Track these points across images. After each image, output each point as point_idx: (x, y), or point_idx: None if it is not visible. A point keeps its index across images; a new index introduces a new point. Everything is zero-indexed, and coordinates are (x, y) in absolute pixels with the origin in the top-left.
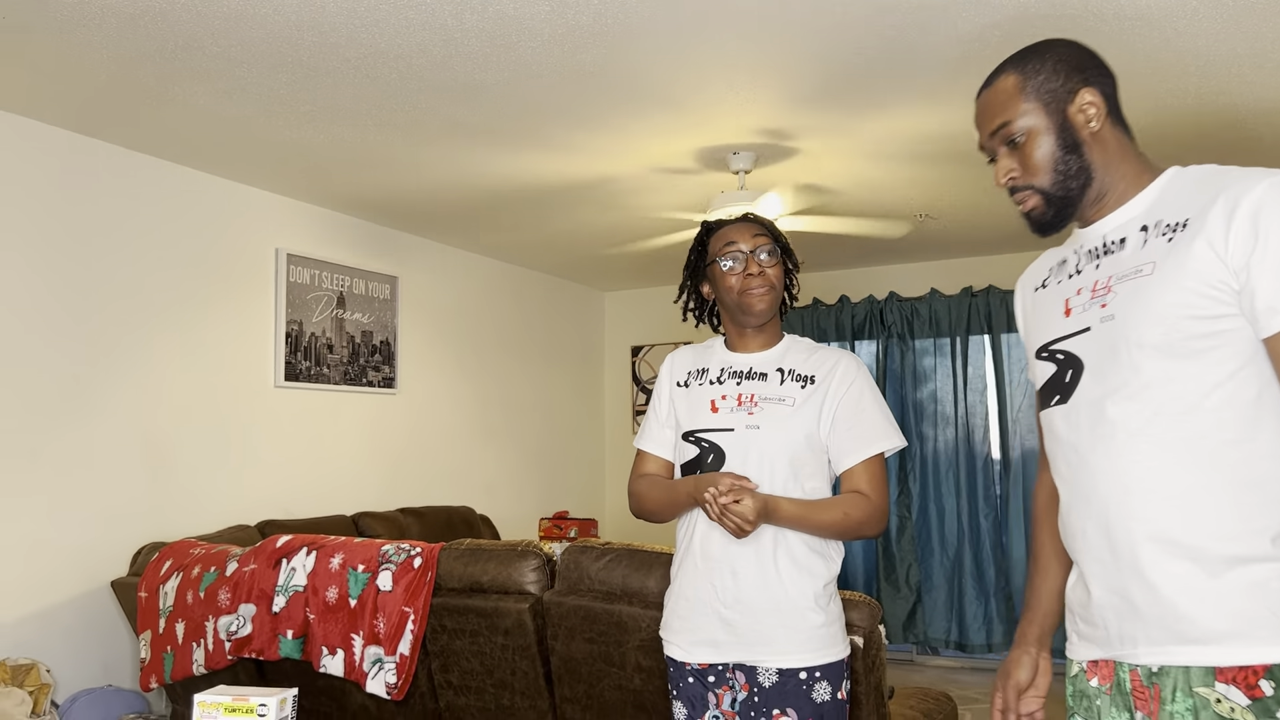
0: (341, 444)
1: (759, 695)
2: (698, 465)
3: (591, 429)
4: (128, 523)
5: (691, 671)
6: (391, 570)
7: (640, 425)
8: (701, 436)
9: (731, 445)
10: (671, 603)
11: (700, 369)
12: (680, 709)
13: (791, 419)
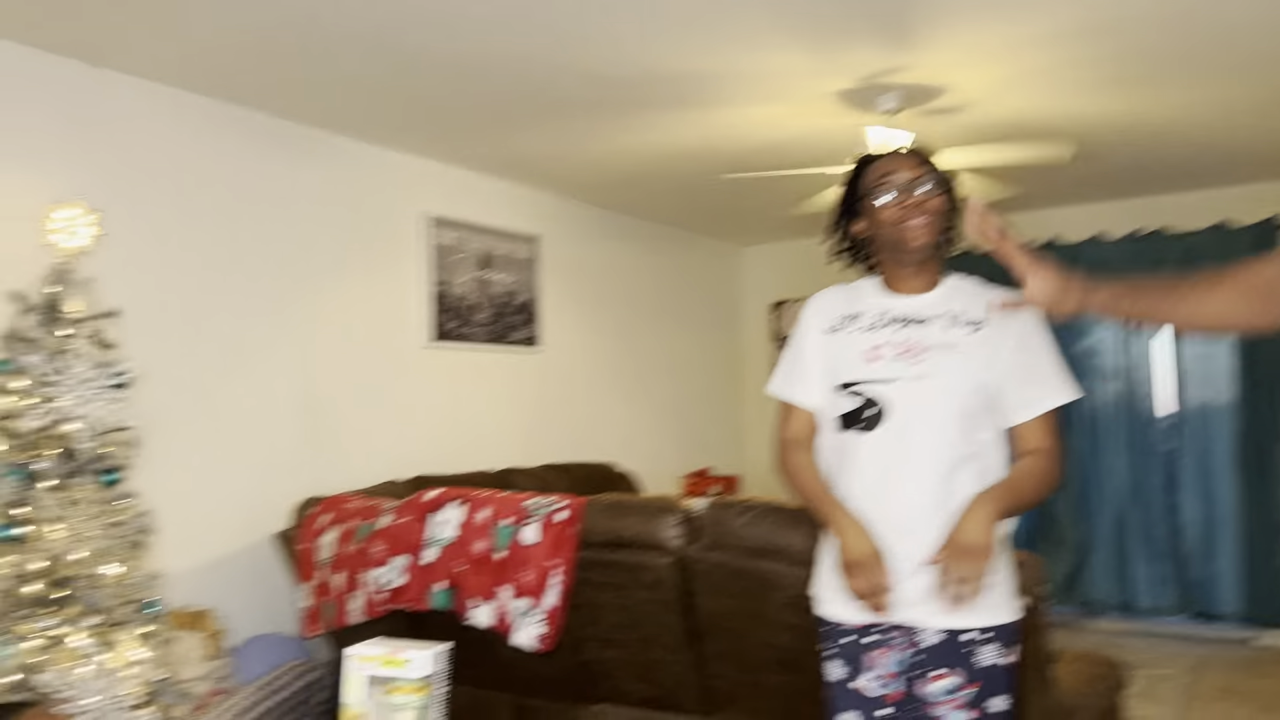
0: (487, 402)
1: (922, 655)
2: (856, 419)
3: (731, 386)
4: (288, 477)
5: (849, 630)
6: (537, 524)
7: (777, 369)
8: (860, 389)
9: (894, 398)
10: (827, 560)
11: (852, 314)
12: (835, 669)
13: (962, 368)
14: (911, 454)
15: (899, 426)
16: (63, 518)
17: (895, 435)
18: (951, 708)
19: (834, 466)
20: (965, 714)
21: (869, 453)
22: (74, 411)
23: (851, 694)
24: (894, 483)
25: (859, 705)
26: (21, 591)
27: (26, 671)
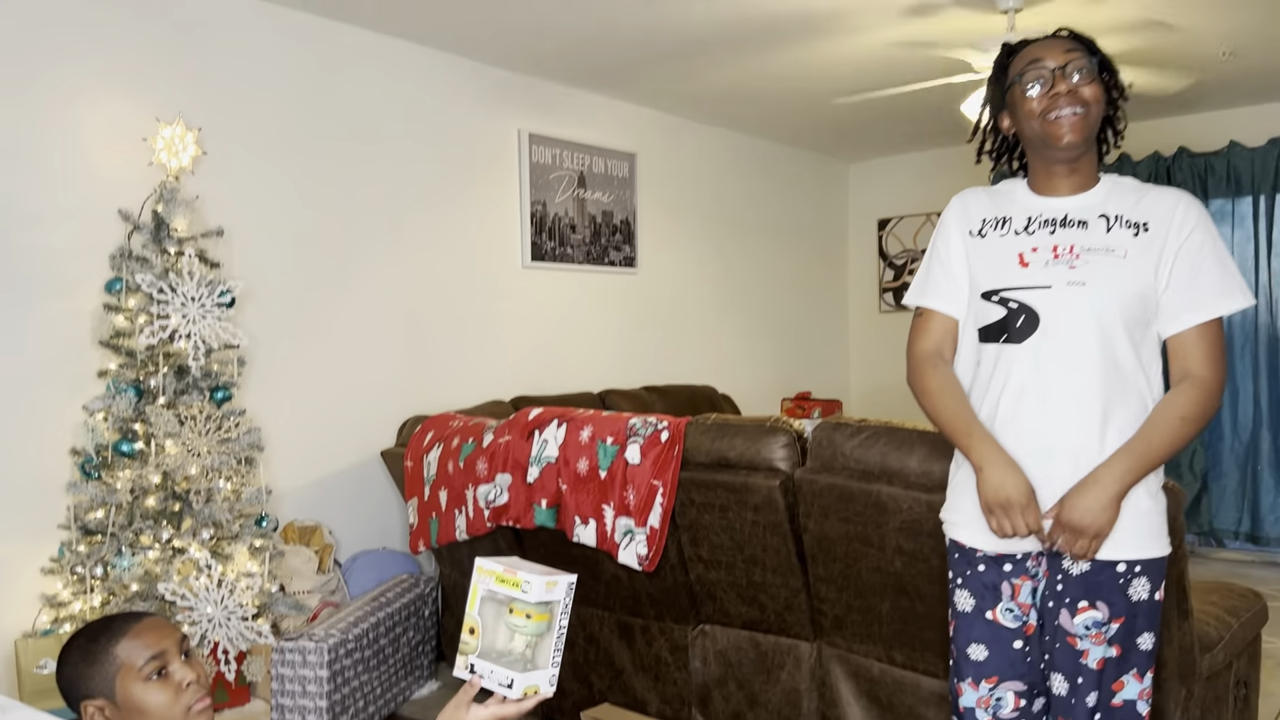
0: (586, 322)
1: (1064, 585)
2: (1003, 330)
3: (835, 307)
4: (392, 396)
5: (984, 558)
6: (639, 443)
7: (916, 277)
8: (1008, 296)
9: (1048, 305)
10: (961, 482)
11: (1000, 217)
12: (965, 599)
13: (1124, 273)
14: (1064, 367)
15: (1052, 337)
16: (176, 434)
17: (1047, 347)
18: (1094, 642)
19: (972, 383)
20: (1108, 649)
21: (1016, 366)
22: (184, 329)
23: (983, 626)
24: (1043, 399)
25: (991, 638)
26: (140, 505)
27: (148, 581)
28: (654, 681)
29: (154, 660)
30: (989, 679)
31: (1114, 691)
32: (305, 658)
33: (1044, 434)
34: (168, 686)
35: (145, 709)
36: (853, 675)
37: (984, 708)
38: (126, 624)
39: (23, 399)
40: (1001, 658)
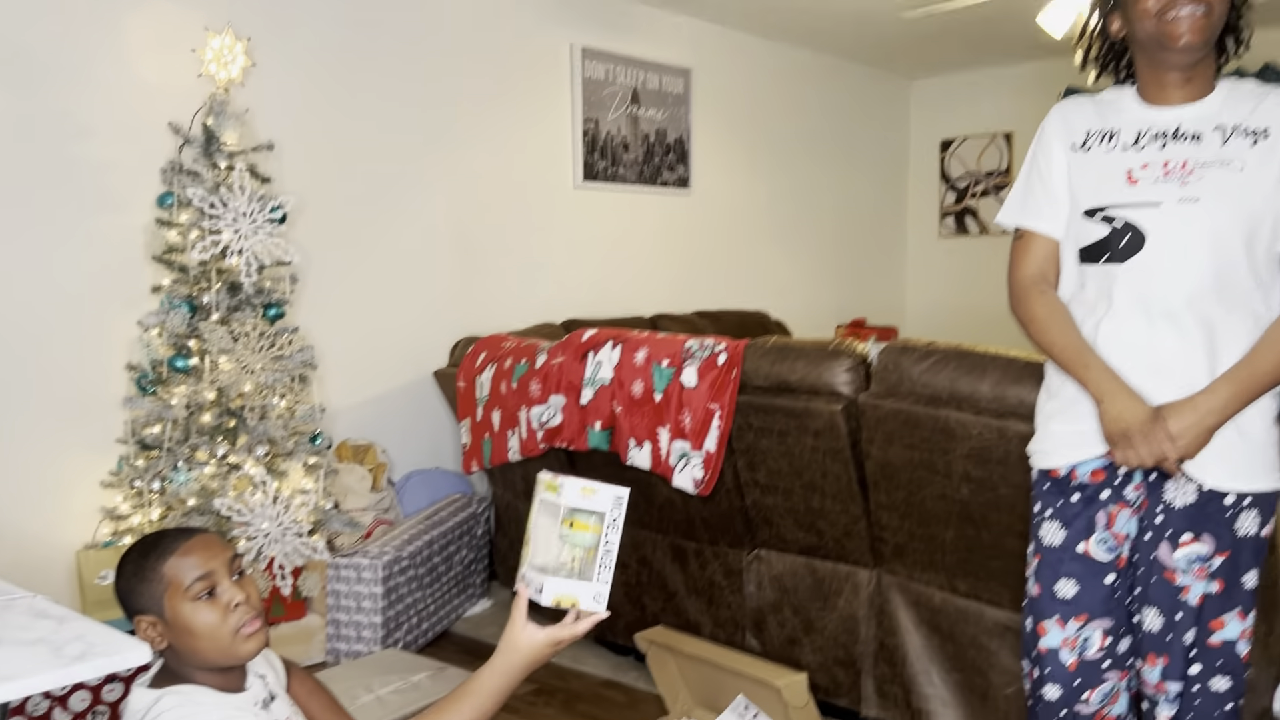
0: (638, 245)
1: (1166, 517)
2: (1104, 250)
3: (893, 231)
4: (443, 316)
5: (1079, 486)
6: (696, 366)
7: (1011, 194)
8: (1113, 214)
9: (1158, 225)
10: (1054, 411)
11: (1105, 131)
12: (1055, 532)
13: (1240, 187)
14: (1171, 288)
15: (1159, 257)
16: (230, 351)
17: (1154, 266)
18: (1196, 578)
19: (1073, 309)
20: (1210, 585)
21: (1120, 287)
22: (235, 245)
23: (1074, 560)
24: (1148, 323)
25: (1082, 573)
26: (195, 421)
27: (205, 496)
28: (707, 605)
29: (201, 581)
30: (1077, 617)
31: (1212, 630)
32: (360, 574)
33: (1149, 359)
34: (216, 607)
35: (192, 629)
36: (913, 604)
37: (1070, 648)
38: (176, 541)
39: (78, 314)
40: (1092, 594)
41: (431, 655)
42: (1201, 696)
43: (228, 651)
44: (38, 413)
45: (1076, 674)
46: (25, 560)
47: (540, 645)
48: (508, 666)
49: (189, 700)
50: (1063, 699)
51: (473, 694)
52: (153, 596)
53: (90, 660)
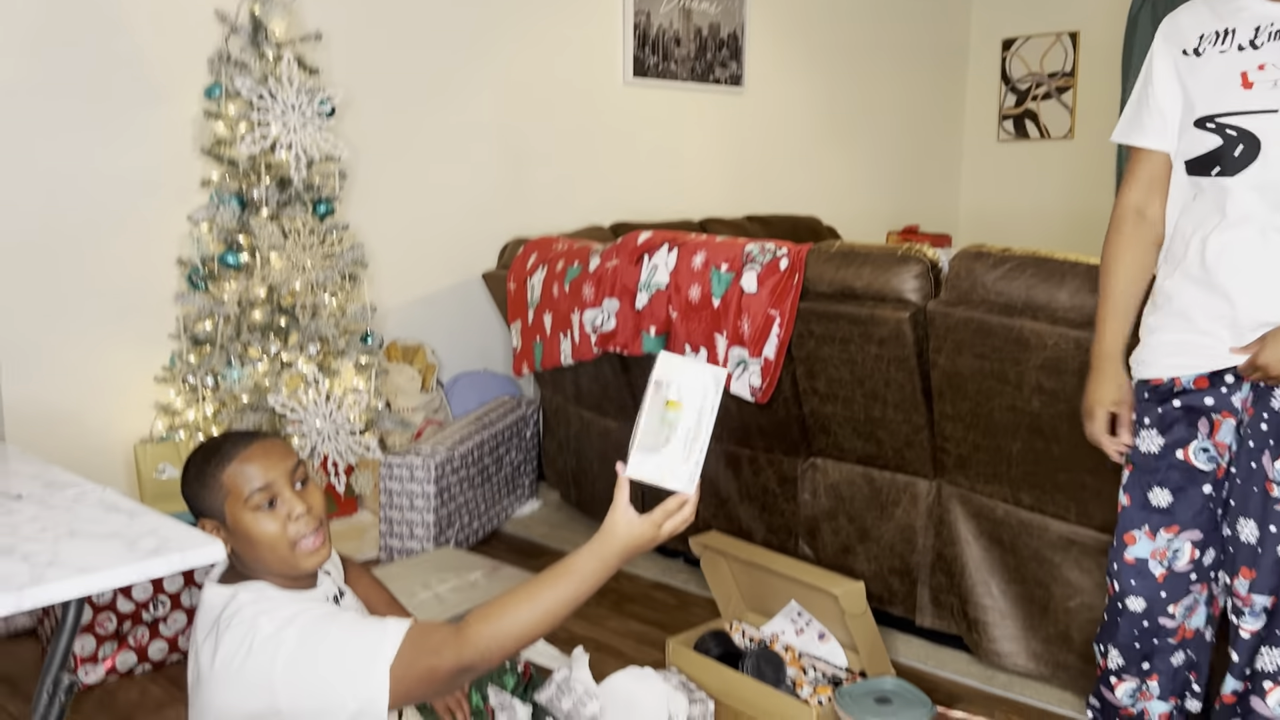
0: (688, 146)
1: (1270, 425)
2: (1215, 162)
3: (949, 135)
4: (492, 218)
5: (1182, 393)
6: (756, 271)
7: (1127, 109)
8: (1225, 122)
9: (1273, 132)
10: (1155, 324)
11: (1222, 30)
12: (1152, 439)
13: None
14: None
15: (1274, 168)
16: (280, 247)
17: (1268, 178)
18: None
19: (1183, 222)
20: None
21: (1231, 201)
22: (284, 139)
23: (1172, 467)
24: (1262, 238)
25: (1179, 482)
26: (247, 317)
27: (258, 393)
28: (760, 511)
29: (261, 492)
30: (1169, 528)
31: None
32: (413, 473)
33: (1260, 275)
34: (276, 517)
35: (252, 538)
36: (974, 515)
37: (1159, 560)
38: (237, 448)
39: (128, 208)
40: (1186, 504)
41: (483, 554)
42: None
43: (288, 562)
44: (91, 307)
45: (1163, 586)
46: (85, 453)
47: (640, 531)
48: (604, 551)
49: (263, 596)
50: (1147, 610)
51: (568, 574)
52: (214, 502)
53: (165, 555)
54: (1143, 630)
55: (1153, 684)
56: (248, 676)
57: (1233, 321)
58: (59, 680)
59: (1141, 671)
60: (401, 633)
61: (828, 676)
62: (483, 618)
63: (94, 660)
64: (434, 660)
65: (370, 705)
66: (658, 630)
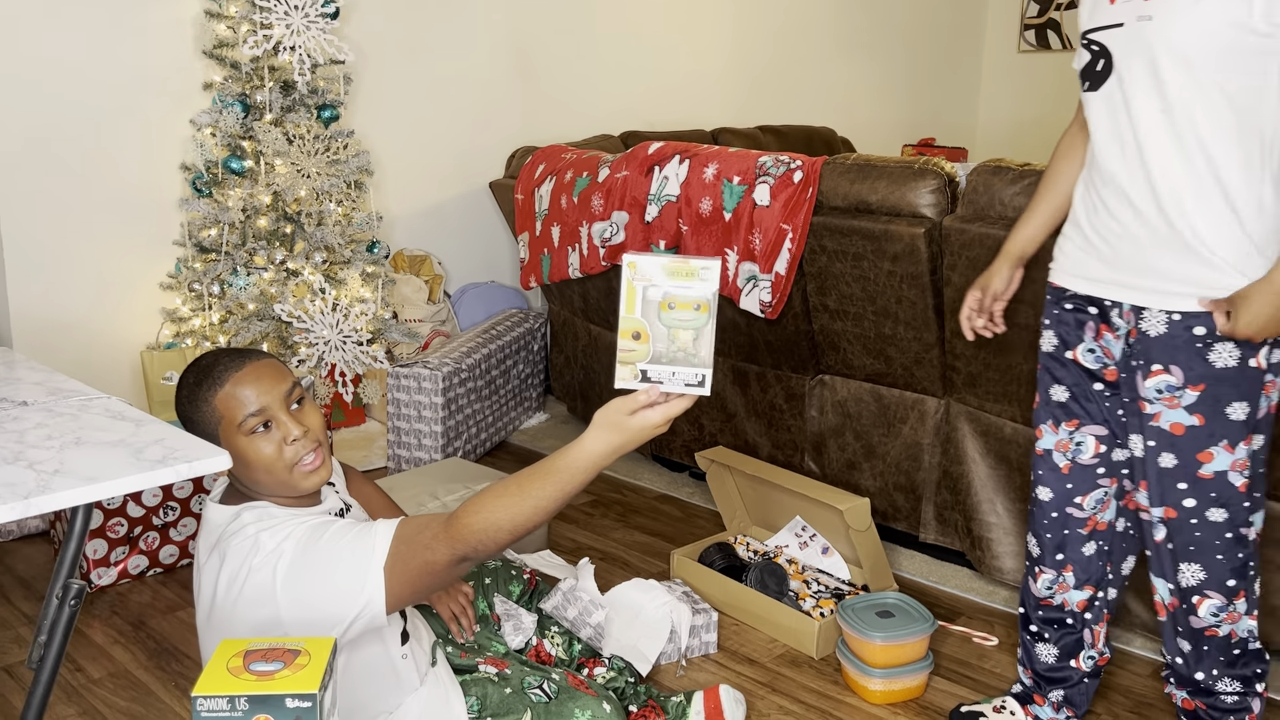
0: (701, 53)
1: (1141, 346)
2: (1086, 78)
3: (968, 45)
4: (499, 126)
5: (1073, 297)
6: (769, 184)
7: None
8: (1093, 38)
9: (1119, 46)
10: (1063, 231)
11: None
12: (1050, 339)
13: (1198, 3)
14: (1132, 117)
15: (1122, 82)
16: (285, 153)
17: (1118, 95)
18: (1166, 406)
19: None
20: (1188, 417)
21: (1093, 115)
22: (288, 41)
23: (1063, 365)
24: (1120, 152)
25: (1072, 379)
26: (252, 224)
27: (264, 301)
28: (766, 427)
29: (254, 416)
30: (1070, 422)
31: (1200, 462)
32: (421, 384)
33: (1118, 188)
34: (271, 440)
35: (248, 462)
36: (981, 433)
37: (1062, 452)
38: (228, 370)
39: (130, 112)
40: (1084, 400)
41: (490, 465)
42: (1201, 529)
43: (286, 484)
44: (94, 212)
45: (1069, 478)
46: (91, 360)
47: (650, 421)
48: (606, 448)
49: (266, 514)
50: (1054, 500)
51: (557, 470)
52: (207, 426)
53: (172, 465)
54: (1052, 520)
55: (1068, 575)
56: (250, 592)
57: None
58: (68, 586)
59: (1057, 562)
60: (390, 532)
61: (830, 590)
62: (474, 510)
63: (106, 564)
64: (428, 555)
65: (368, 608)
66: (663, 542)
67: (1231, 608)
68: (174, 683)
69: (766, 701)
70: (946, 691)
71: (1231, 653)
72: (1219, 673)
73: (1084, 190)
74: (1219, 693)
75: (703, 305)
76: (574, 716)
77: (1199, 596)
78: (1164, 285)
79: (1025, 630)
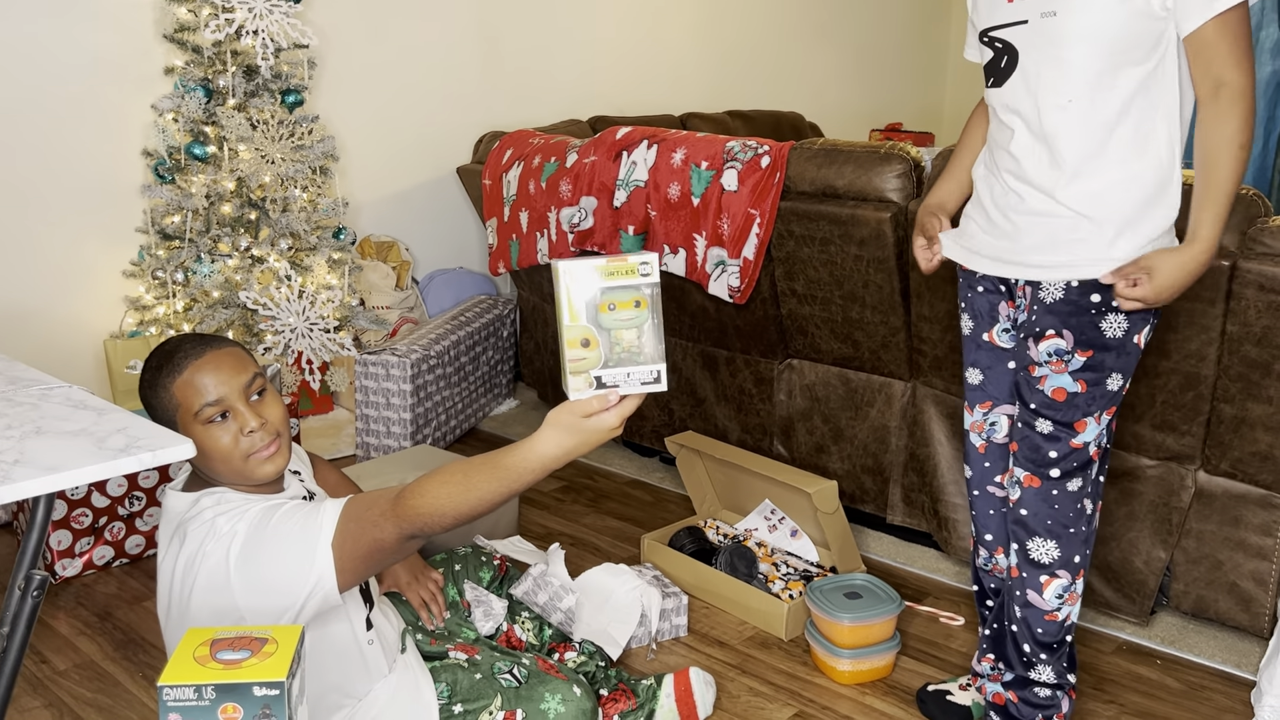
0: (668, 37)
1: (1038, 313)
2: (989, 74)
3: (934, 30)
4: (467, 111)
5: (983, 279)
6: (737, 169)
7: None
8: (995, 35)
9: (1025, 43)
10: (967, 208)
11: None
12: (965, 322)
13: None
14: (1039, 110)
15: (1028, 77)
16: (248, 139)
17: (1024, 89)
18: (1053, 370)
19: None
20: (1071, 382)
21: (1001, 109)
22: (250, 24)
23: (979, 348)
24: (1032, 138)
25: (986, 362)
26: (216, 211)
27: (229, 288)
28: (736, 412)
29: (211, 406)
30: (983, 404)
31: (1075, 431)
32: (389, 371)
33: (1022, 174)
34: (228, 430)
35: (204, 451)
36: (948, 416)
37: (978, 432)
38: (188, 358)
39: (89, 97)
40: (996, 381)
41: (460, 452)
42: (1061, 501)
43: (241, 474)
44: (54, 199)
45: (985, 456)
46: (53, 349)
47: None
48: (559, 450)
49: (223, 499)
50: (975, 478)
51: (505, 469)
52: (166, 412)
53: (135, 454)
54: (975, 498)
55: (999, 557)
56: (205, 575)
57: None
58: (30, 577)
59: (986, 539)
60: (338, 511)
61: (799, 572)
62: (419, 493)
63: (71, 554)
64: (376, 533)
65: (319, 585)
66: (633, 527)
67: (1073, 588)
68: (141, 673)
69: (736, 683)
70: (914, 671)
71: (1062, 639)
72: (1044, 660)
73: (986, 173)
74: (1035, 683)
75: (642, 301)
76: (544, 700)
77: (1047, 576)
78: (1064, 259)
79: (981, 605)
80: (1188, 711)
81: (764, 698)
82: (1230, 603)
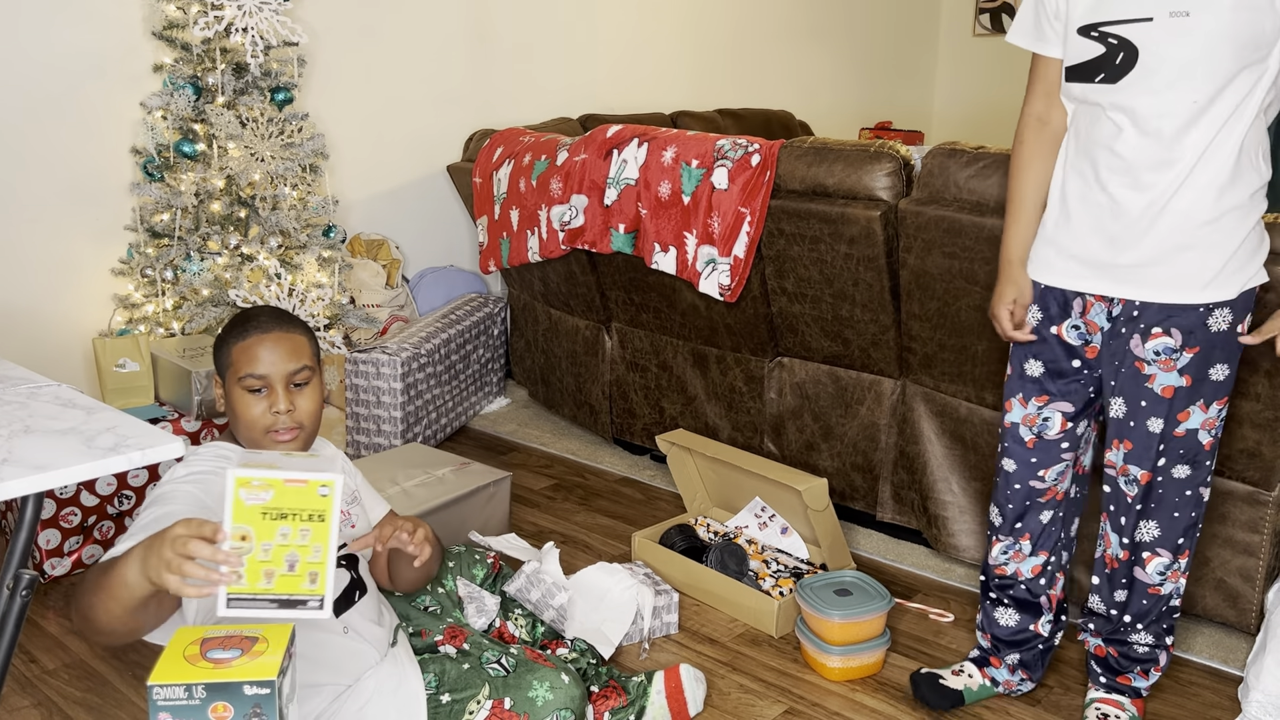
0: (659, 35)
1: (1141, 312)
2: (1097, 70)
3: (924, 29)
4: (457, 109)
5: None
6: (728, 167)
7: (1020, 12)
8: (1107, 30)
9: (1149, 41)
10: (1041, 235)
11: None
12: (1033, 313)
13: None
14: (1160, 111)
15: (1150, 75)
16: (238, 137)
17: (1144, 86)
18: (1162, 368)
19: (1072, 132)
20: (1179, 379)
21: (1113, 110)
22: (240, 22)
23: (1043, 341)
24: (1141, 144)
25: (1050, 355)
26: (205, 209)
27: (218, 286)
28: (726, 410)
29: (253, 378)
30: (1040, 397)
31: (1179, 422)
32: (379, 369)
33: (1138, 180)
34: (260, 402)
35: (234, 410)
36: (937, 414)
37: (1029, 426)
38: (256, 329)
39: (77, 95)
40: (1058, 376)
41: (451, 450)
42: (1166, 486)
43: (256, 444)
44: (42, 197)
45: (1033, 451)
46: (42, 348)
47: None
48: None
49: (218, 449)
50: (1018, 472)
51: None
52: (221, 363)
53: (124, 453)
54: (1015, 492)
55: (1025, 543)
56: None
57: (1111, 238)
58: (19, 576)
59: (1015, 530)
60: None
61: (789, 569)
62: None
63: (60, 554)
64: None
65: None
66: (624, 525)
67: (1175, 566)
68: (130, 672)
69: (727, 680)
70: (904, 668)
71: (1160, 609)
72: (1143, 626)
73: (1078, 181)
74: (1133, 643)
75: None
76: (532, 688)
77: (1149, 553)
78: (1180, 273)
79: (985, 596)
80: (1174, 707)
81: (754, 695)
82: (1218, 599)
